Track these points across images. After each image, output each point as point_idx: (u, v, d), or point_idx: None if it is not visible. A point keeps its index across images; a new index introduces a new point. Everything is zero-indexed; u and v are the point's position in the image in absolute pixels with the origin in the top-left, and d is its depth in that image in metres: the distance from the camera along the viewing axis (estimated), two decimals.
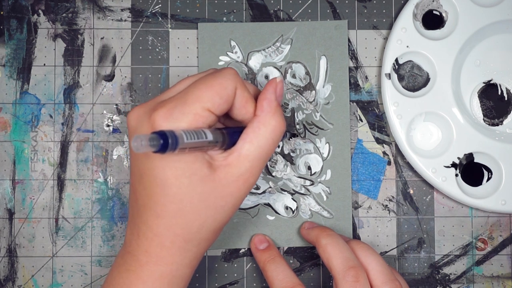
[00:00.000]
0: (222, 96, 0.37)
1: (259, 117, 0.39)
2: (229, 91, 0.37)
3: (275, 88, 0.39)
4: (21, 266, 0.49)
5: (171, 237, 0.38)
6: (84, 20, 0.50)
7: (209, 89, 0.37)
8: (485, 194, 0.49)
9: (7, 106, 0.50)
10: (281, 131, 0.39)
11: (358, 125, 0.50)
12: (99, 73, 0.50)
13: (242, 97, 0.38)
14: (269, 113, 0.39)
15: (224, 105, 0.37)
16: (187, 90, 0.37)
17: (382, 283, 0.42)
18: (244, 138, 0.38)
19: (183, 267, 0.39)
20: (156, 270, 0.38)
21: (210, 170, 0.37)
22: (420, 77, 0.50)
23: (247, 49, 0.50)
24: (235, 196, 0.38)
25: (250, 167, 0.38)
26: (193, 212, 0.37)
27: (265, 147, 0.38)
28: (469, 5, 0.49)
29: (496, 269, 0.50)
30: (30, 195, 0.49)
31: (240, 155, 0.38)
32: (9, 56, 0.50)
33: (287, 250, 0.50)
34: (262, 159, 0.38)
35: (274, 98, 0.39)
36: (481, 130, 0.49)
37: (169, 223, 0.37)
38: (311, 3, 0.51)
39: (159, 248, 0.38)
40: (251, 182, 0.39)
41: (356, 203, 0.50)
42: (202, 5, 0.51)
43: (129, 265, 0.39)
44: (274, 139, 0.39)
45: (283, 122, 0.39)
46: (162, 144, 0.32)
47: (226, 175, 0.37)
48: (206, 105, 0.36)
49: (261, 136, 0.38)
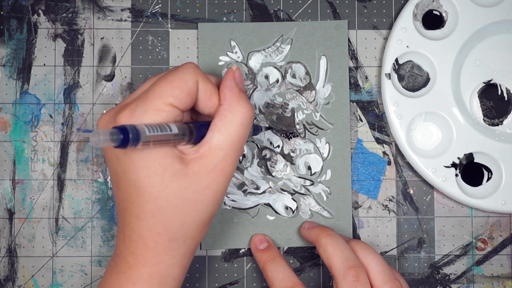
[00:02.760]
0: (183, 90, 0.37)
1: (224, 105, 0.38)
2: (190, 85, 0.37)
3: (232, 75, 0.39)
4: (21, 266, 0.49)
5: (154, 238, 0.38)
6: (84, 20, 0.50)
7: (169, 84, 0.37)
8: (485, 194, 0.49)
9: (7, 106, 0.50)
10: (249, 116, 0.38)
11: (358, 125, 0.50)
12: (99, 73, 0.50)
13: (206, 89, 0.38)
14: (232, 99, 0.38)
15: (187, 99, 0.37)
16: (149, 88, 0.37)
17: (382, 283, 0.42)
18: (213, 129, 0.38)
19: (172, 267, 0.39)
20: (144, 271, 0.38)
21: (182, 165, 0.36)
22: (420, 77, 0.50)
23: (247, 49, 0.50)
24: (213, 189, 0.38)
25: (223, 157, 0.37)
26: (171, 209, 0.37)
27: (235, 134, 0.38)
28: (469, 5, 0.49)
29: (496, 269, 0.50)
30: (30, 195, 0.49)
31: (211, 146, 0.37)
32: (9, 56, 0.50)
33: (287, 250, 0.50)
34: (235, 147, 0.38)
35: (234, 85, 0.39)
36: (481, 130, 0.49)
37: (149, 224, 0.37)
38: (311, 3, 0.51)
39: (144, 249, 0.38)
40: (228, 173, 0.38)
41: (356, 203, 0.50)
42: (202, 5, 0.51)
43: (119, 267, 0.39)
44: (243, 124, 0.38)
45: (249, 107, 0.38)
46: (123, 138, 0.32)
47: (200, 168, 0.37)
48: (168, 100, 0.36)
49: (229, 124, 0.38)
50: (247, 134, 0.39)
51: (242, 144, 0.39)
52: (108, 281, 0.40)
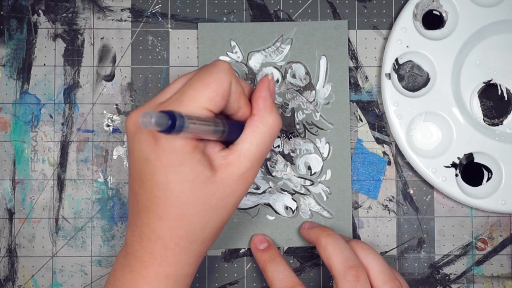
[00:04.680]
0: (219, 93, 0.36)
1: (257, 116, 0.39)
2: (225, 87, 0.37)
3: (267, 85, 0.39)
4: (21, 266, 0.49)
5: (175, 239, 0.38)
6: (84, 20, 0.50)
7: (205, 87, 0.36)
8: (485, 194, 0.49)
9: (7, 106, 0.50)
10: (278, 128, 0.39)
11: (358, 125, 0.50)
12: (99, 73, 0.50)
13: (236, 91, 0.38)
14: (266, 111, 0.39)
15: (222, 102, 0.37)
16: (183, 90, 0.37)
17: (382, 283, 0.42)
18: (244, 139, 0.38)
19: (188, 266, 0.39)
20: (161, 271, 0.38)
21: (211, 172, 0.37)
22: (420, 77, 0.50)
23: (247, 49, 0.50)
24: (236, 195, 0.38)
25: (250, 167, 0.38)
26: (196, 214, 0.37)
27: (264, 146, 0.38)
28: (469, 5, 0.49)
29: (496, 269, 0.50)
30: (30, 195, 0.49)
31: (241, 155, 0.38)
32: (9, 56, 0.50)
33: (287, 250, 0.50)
34: (261, 158, 0.39)
35: (269, 96, 0.39)
36: (481, 130, 0.49)
37: (172, 226, 0.37)
38: (311, 3, 0.51)
39: (163, 250, 0.38)
40: (250, 181, 0.39)
41: (356, 203, 0.50)
42: (202, 5, 0.51)
43: (132, 267, 0.39)
44: (272, 136, 0.39)
45: (279, 119, 0.39)
46: (170, 124, 0.31)
47: (227, 176, 0.37)
48: (203, 104, 0.36)
49: (260, 135, 0.38)
50: (272, 145, 0.40)
51: (267, 154, 0.39)
52: (120, 280, 0.39)
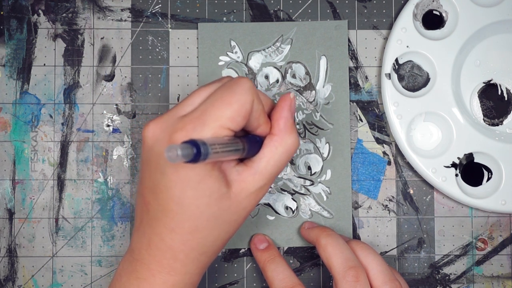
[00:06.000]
0: (241, 113, 0.36)
1: (277, 137, 0.38)
2: (247, 107, 0.36)
3: (289, 105, 0.39)
4: (21, 266, 0.49)
5: (186, 251, 0.38)
6: (84, 20, 0.50)
7: (228, 107, 0.35)
8: (485, 194, 0.49)
9: (7, 106, 0.50)
10: (295, 149, 0.39)
11: (358, 125, 0.50)
12: (99, 73, 0.50)
13: (257, 110, 0.37)
14: (286, 133, 0.38)
15: (243, 122, 0.36)
16: (205, 108, 0.36)
17: (382, 283, 0.42)
18: (261, 157, 0.38)
19: (195, 275, 0.40)
20: (169, 279, 0.39)
21: (227, 189, 0.37)
22: (420, 77, 0.50)
23: (247, 49, 0.50)
24: (247, 210, 0.39)
25: (264, 185, 0.38)
26: (209, 228, 0.37)
27: (280, 166, 0.39)
28: (469, 5, 0.49)
29: (496, 269, 0.50)
30: (30, 195, 0.49)
31: (256, 173, 0.38)
32: (9, 56, 0.50)
33: (287, 250, 0.50)
34: (275, 176, 0.39)
35: (290, 116, 0.39)
36: (481, 130, 0.49)
37: (185, 239, 0.37)
38: (311, 3, 0.51)
39: (172, 260, 0.38)
40: (262, 196, 0.39)
41: (356, 203, 0.50)
42: (202, 5, 0.51)
43: (139, 273, 0.39)
44: (289, 156, 0.39)
45: (298, 140, 0.39)
46: (196, 153, 0.31)
47: (241, 192, 0.38)
48: (226, 124, 0.35)
49: (277, 155, 0.38)
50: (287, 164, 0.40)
51: (280, 172, 0.40)
52: (126, 286, 0.39)
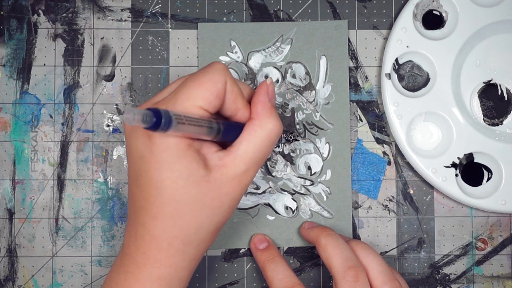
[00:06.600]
0: (213, 92, 0.36)
1: (255, 120, 0.39)
2: (219, 86, 0.37)
3: (266, 90, 0.39)
4: (21, 266, 0.49)
5: (168, 239, 0.38)
6: (84, 20, 0.50)
7: (199, 86, 0.36)
8: (485, 194, 0.49)
9: (7, 106, 0.50)
10: (277, 133, 0.39)
11: (358, 125, 0.50)
12: (99, 73, 0.50)
13: (232, 92, 0.38)
14: (264, 115, 0.39)
15: (216, 101, 0.37)
16: (178, 89, 0.37)
17: (382, 283, 0.42)
18: (240, 141, 0.38)
19: (181, 269, 0.39)
20: (154, 272, 0.38)
21: (206, 171, 0.37)
22: (420, 77, 0.50)
23: (247, 49, 0.50)
24: (230, 196, 0.38)
25: (245, 169, 0.38)
26: (190, 213, 0.37)
27: (261, 150, 0.38)
28: (469, 5, 0.49)
29: (496, 269, 0.50)
30: (30, 195, 0.49)
31: (236, 157, 0.38)
32: (9, 56, 0.50)
33: (287, 250, 0.50)
34: (258, 161, 0.39)
35: (268, 100, 0.39)
36: (481, 130, 0.49)
37: (166, 225, 0.37)
38: (311, 3, 0.51)
39: (156, 251, 0.38)
40: (246, 183, 0.39)
41: (356, 203, 0.50)
42: (202, 5, 0.51)
43: (127, 267, 0.39)
44: (270, 141, 0.39)
45: (279, 124, 0.39)
46: (155, 121, 0.32)
47: (221, 176, 0.37)
48: (197, 103, 0.36)
49: (257, 139, 0.38)
50: (271, 150, 0.39)
51: (265, 158, 0.39)
52: (115, 280, 0.39)
